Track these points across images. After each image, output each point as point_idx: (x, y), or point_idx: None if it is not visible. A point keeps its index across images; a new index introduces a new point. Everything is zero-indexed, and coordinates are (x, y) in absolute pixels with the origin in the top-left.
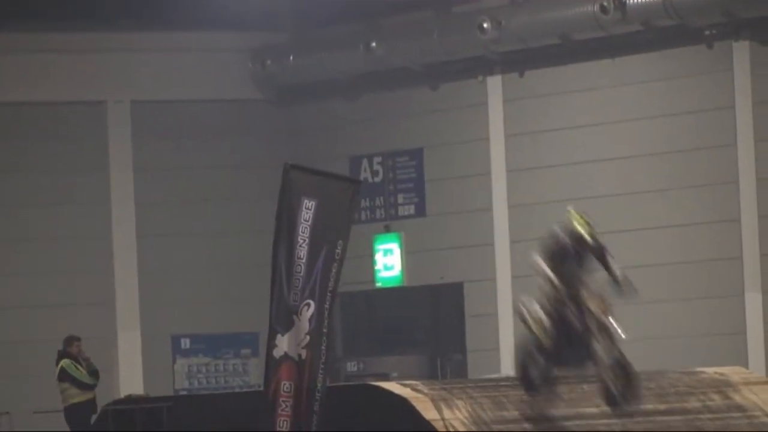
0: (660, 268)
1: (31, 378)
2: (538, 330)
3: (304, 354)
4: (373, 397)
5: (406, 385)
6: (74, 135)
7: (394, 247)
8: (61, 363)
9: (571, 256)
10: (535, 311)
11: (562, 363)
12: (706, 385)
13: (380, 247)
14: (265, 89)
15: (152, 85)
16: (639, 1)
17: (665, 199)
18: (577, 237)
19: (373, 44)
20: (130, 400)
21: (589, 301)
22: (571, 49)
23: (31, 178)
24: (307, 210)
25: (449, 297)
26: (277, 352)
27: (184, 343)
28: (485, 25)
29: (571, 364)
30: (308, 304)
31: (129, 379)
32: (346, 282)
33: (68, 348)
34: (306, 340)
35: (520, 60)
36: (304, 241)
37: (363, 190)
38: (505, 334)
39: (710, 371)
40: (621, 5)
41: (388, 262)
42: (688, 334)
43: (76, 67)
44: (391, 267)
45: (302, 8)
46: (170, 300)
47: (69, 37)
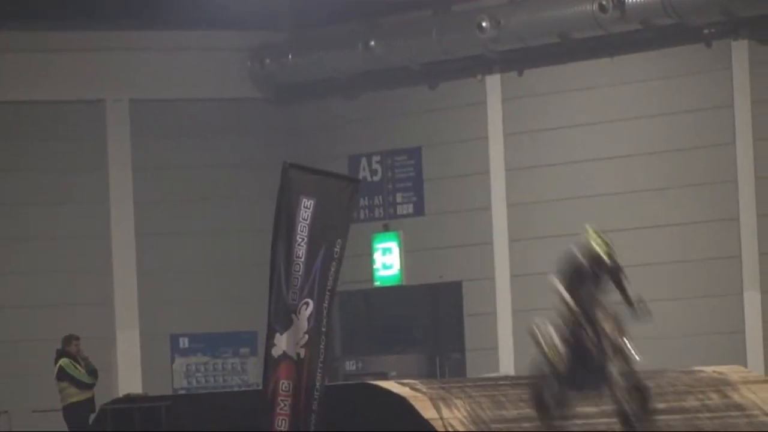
0: (659, 267)
1: (30, 377)
2: (552, 355)
3: (302, 353)
4: (371, 396)
5: (404, 384)
6: (73, 134)
7: (393, 246)
8: (60, 362)
9: (588, 277)
10: (549, 335)
11: (577, 386)
12: (705, 384)
13: (379, 246)
14: (264, 88)
15: (151, 84)
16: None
17: (664, 198)
18: (595, 256)
19: (371, 43)
20: (128, 400)
21: (604, 322)
22: (570, 48)
23: (30, 177)
24: (306, 209)
25: (448, 296)
26: (276, 351)
27: (183, 342)
28: (484, 24)
29: (586, 387)
30: (307, 303)
31: (128, 378)
32: (345, 281)
33: (67, 347)
34: (305, 339)
35: (519, 59)
36: (303, 239)
37: (362, 189)
38: (504, 334)
39: (709, 370)
40: (620, 4)
41: (387, 261)
42: (686, 333)
43: (75, 66)
44: (390, 266)
45: (301, 7)
46: (169, 299)
47: (68, 36)
